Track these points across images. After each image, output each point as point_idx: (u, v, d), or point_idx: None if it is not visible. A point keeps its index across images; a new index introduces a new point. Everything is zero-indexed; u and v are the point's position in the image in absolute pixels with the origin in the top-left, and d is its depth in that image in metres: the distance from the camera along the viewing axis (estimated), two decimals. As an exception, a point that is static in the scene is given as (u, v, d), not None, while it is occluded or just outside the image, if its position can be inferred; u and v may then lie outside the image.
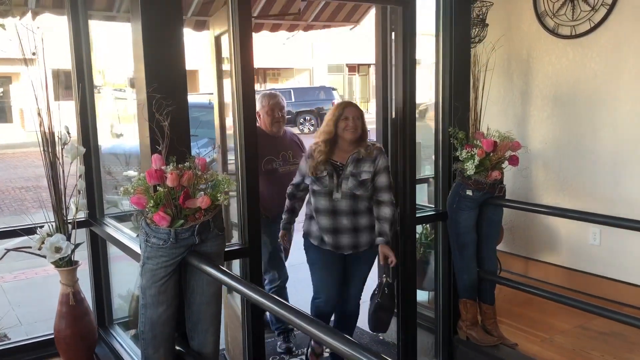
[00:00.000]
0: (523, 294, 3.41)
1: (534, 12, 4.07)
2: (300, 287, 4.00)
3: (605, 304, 3.29)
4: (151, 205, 2.10)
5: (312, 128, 19.75)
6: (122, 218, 3.34)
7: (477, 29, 3.62)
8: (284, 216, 3.21)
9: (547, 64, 4.08)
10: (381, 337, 3.81)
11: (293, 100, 19.37)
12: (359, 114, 2.97)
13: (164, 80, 2.23)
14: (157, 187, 2.13)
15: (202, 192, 2.17)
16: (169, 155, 2.18)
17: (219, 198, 2.19)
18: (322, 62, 27.62)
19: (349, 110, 2.96)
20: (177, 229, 2.12)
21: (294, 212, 3.23)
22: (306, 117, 19.96)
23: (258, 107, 3.48)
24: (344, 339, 1.50)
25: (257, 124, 3.43)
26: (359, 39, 24.60)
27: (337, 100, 21.43)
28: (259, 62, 23.16)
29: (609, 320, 3.09)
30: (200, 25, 4.51)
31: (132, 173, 3.86)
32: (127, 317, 3.44)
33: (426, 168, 4.16)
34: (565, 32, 3.94)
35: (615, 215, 3.25)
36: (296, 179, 3.16)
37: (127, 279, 3.49)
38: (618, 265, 3.84)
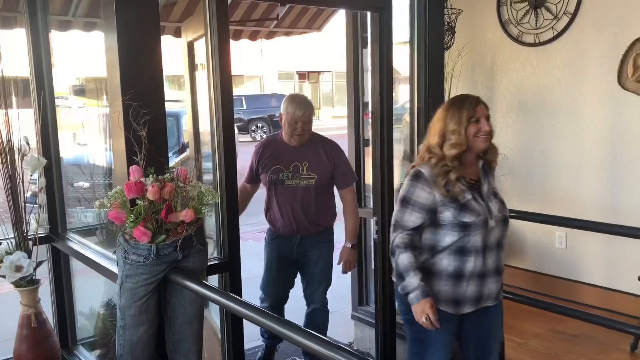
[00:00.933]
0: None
1: (498, 20, 4.14)
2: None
3: (574, 307, 3.34)
4: (131, 220, 1.98)
5: (264, 135, 19.61)
6: (85, 232, 3.17)
7: (446, 36, 3.64)
8: (413, 280, 2.07)
9: (511, 71, 4.16)
10: (355, 348, 3.76)
11: (245, 107, 19.21)
12: (488, 111, 2.23)
13: (141, 87, 2.12)
14: (136, 201, 2.02)
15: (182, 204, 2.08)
16: (146, 166, 2.07)
17: (202, 211, 2.09)
18: (272, 69, 27.54)
19: (482, 109, 2.18)
20: (159, 245, 2.01)
21: (423, 269, 2.13)
22: (258, 125, 19.83)
23: (283, 110, 3.07)
24: (329, 344, 1.51)
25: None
26: (308, 46, 24.73)
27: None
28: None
29: (579, 323, 3.16)
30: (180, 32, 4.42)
31: (84, 184, 3.68)
32: (92, 337, 3.26)
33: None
34: (529, 40, 4.02)
35: (580, 218, 3.32)
36: (412, 219, 2.13)
37: (89, 295, 3.32)
38: (583, 268, 3.93)
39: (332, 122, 23.20)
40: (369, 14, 3.04)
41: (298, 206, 3.09)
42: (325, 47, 24.77)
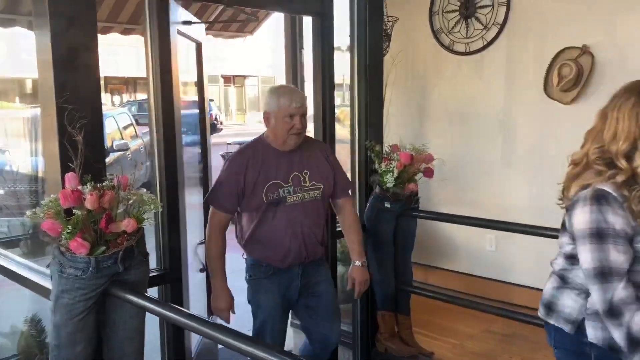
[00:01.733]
0: (427, 301, 3.49)
1: (431, 29, 4.24)
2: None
3: (505, 307, 3.45)
4: (68, 231, 1.85)
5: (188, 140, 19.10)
6: (6, 244, 2.95)
7: (384, 44, 3.69)
8: None
9: (443, 79, 4.27)
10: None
11: (168, 111, 18.64)
12: None
13: (77, 89, 1.99)
14: (73, 210, 1.89)
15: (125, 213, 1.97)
16: (83, 173, 1.94)
17: (144, 220, 1.99)
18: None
19: None
20: (98, 257, 1.88)
21: None
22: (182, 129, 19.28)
23: (270, 106, 2.41)
24: (265, 346, 1.56)
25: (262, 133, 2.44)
26: (234, 51, 24.45)
27: (214, 112, 20.76)
28: (131, 71, 22.19)
29: (511, 322, 3.27)
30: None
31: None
32: (14, 356, 3.04)
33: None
34: (459, 49, 4.14)
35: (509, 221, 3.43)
36: (624, 257, 1.54)
37: (10, 311, 3.11)
38: (513, 269, 4.09)
39: (259, 126, 23.06)
40: (309, 19, 3.02)
41: (308, 226, 2.48)
42: (250, 51, 24.62)
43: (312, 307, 2.60)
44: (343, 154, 3.25)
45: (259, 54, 24.99)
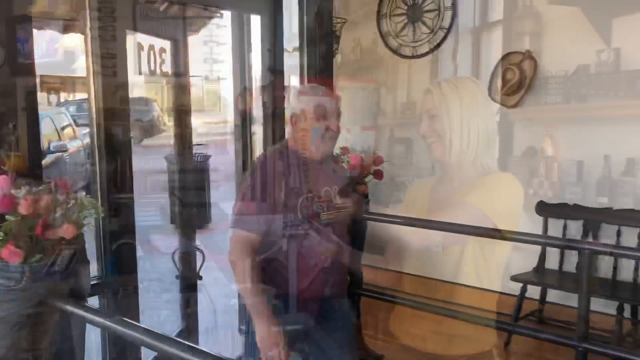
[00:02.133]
0: (377, 303, 3.48)
1: (378, 32, 4.25)
2: None
3: (452, 308, 3.49)
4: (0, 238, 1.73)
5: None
6: None
7: (333, 45, 3.67)
8: None
9: (390, 82, 4.29)
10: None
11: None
12: None
13: (10, 87, 1.87)
14: (5, 217, 1.76)
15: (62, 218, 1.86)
16: (17, 177, 1.82)
17: (84, 225, 1.88)
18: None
19: None
20: (33, 265, 1.77)
21: None
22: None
23: (299, 107, 2.10)
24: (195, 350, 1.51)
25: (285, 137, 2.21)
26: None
27: (157, 112, 20.31)
28: (66, 70, 21.42)
29: (458, 322, 3.31)
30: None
31: None
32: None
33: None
34: (407, 53, 4.17)
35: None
36: None
37: None
38: (460, 270, 4.13)
39: (202, 128, 22.70)
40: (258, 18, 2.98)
41: (338, 251, 2.21)
42: (195, 50, 24.23)
43: (326, 341, 2.24)
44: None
45: (204, 53, 24.61)
